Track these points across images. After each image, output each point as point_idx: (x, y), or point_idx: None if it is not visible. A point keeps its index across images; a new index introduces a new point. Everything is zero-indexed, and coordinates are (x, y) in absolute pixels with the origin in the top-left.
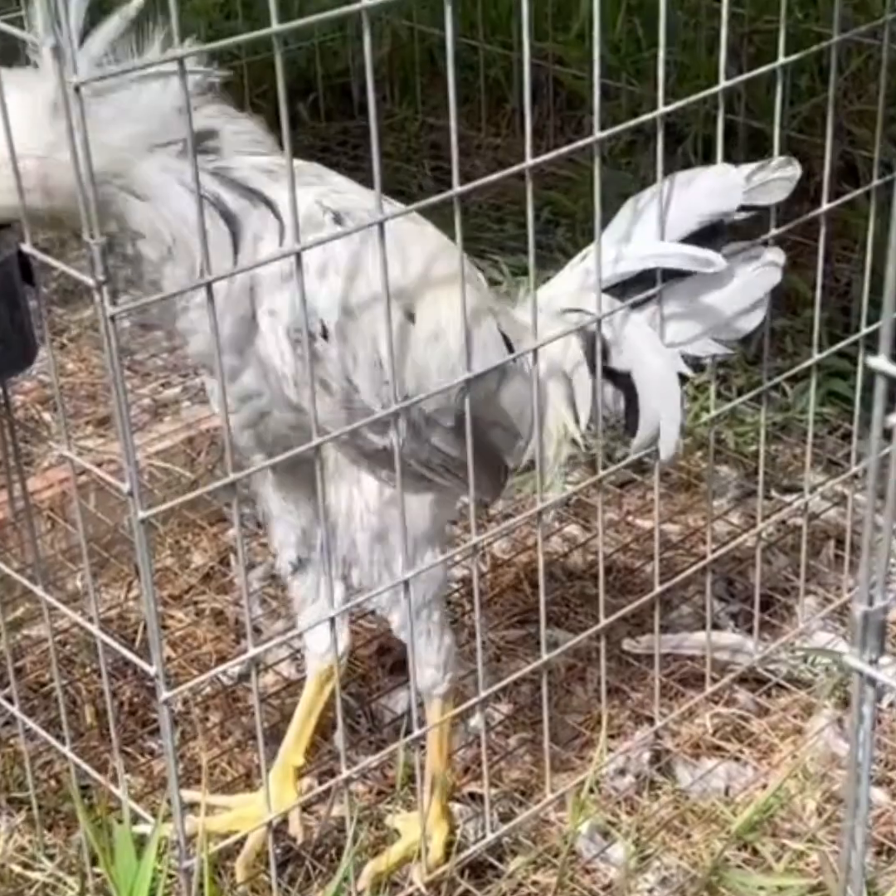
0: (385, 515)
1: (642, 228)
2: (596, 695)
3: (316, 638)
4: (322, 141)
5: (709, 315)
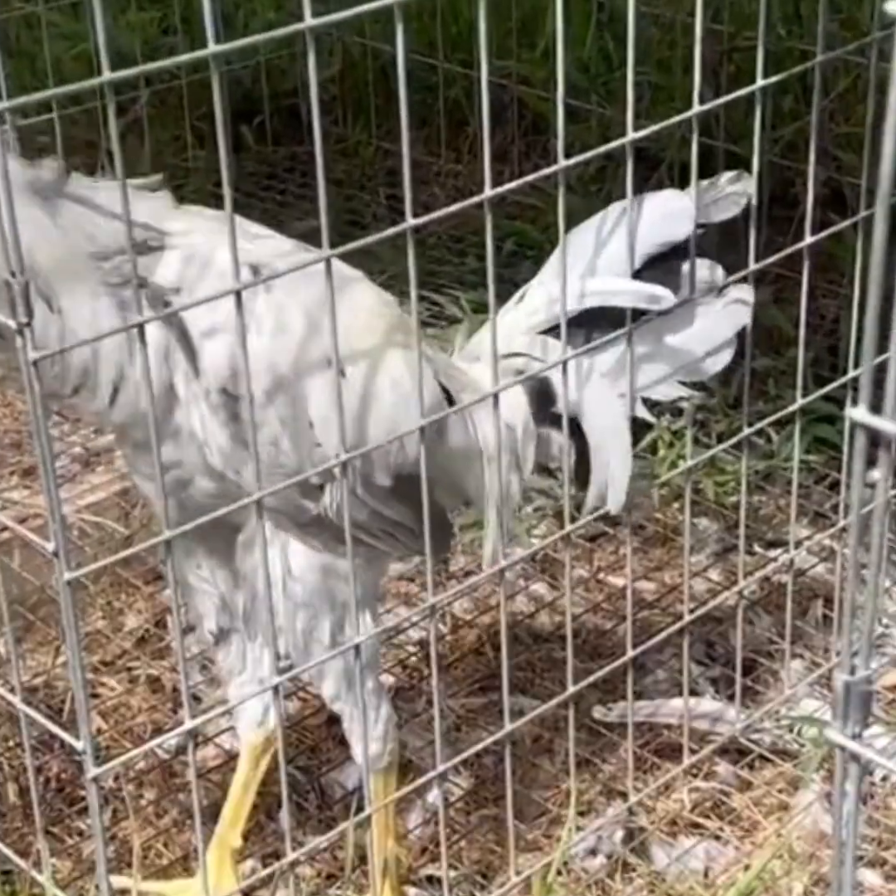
0: (310, 582)
1: (585, 262)
2: (564, 768)
3: (247, 710)
4: (268, 167)
5: (670, 357)
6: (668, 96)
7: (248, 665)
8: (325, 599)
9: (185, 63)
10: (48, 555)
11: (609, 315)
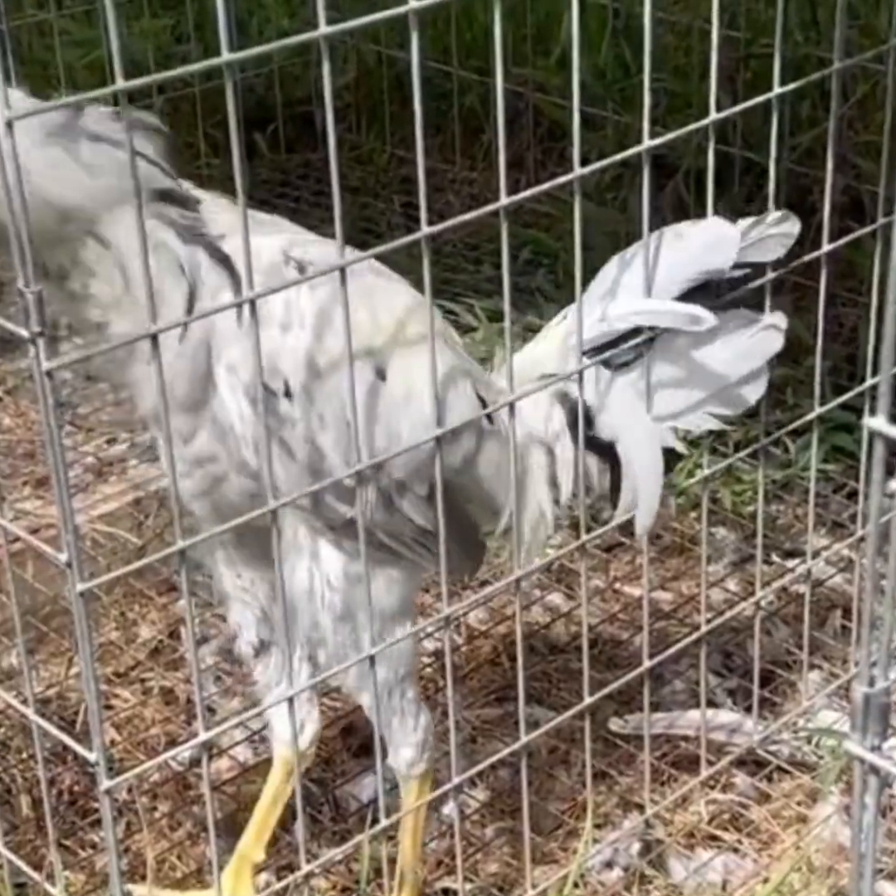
0: (349, 593)
1: (629, 285)
2: (580, 780)
3: (283, 723)
4: (282, 174)
5: (702, 384)
6: (684, 103)
7: (286, 678)
8: (365, 611)
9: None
10: (61, 565)
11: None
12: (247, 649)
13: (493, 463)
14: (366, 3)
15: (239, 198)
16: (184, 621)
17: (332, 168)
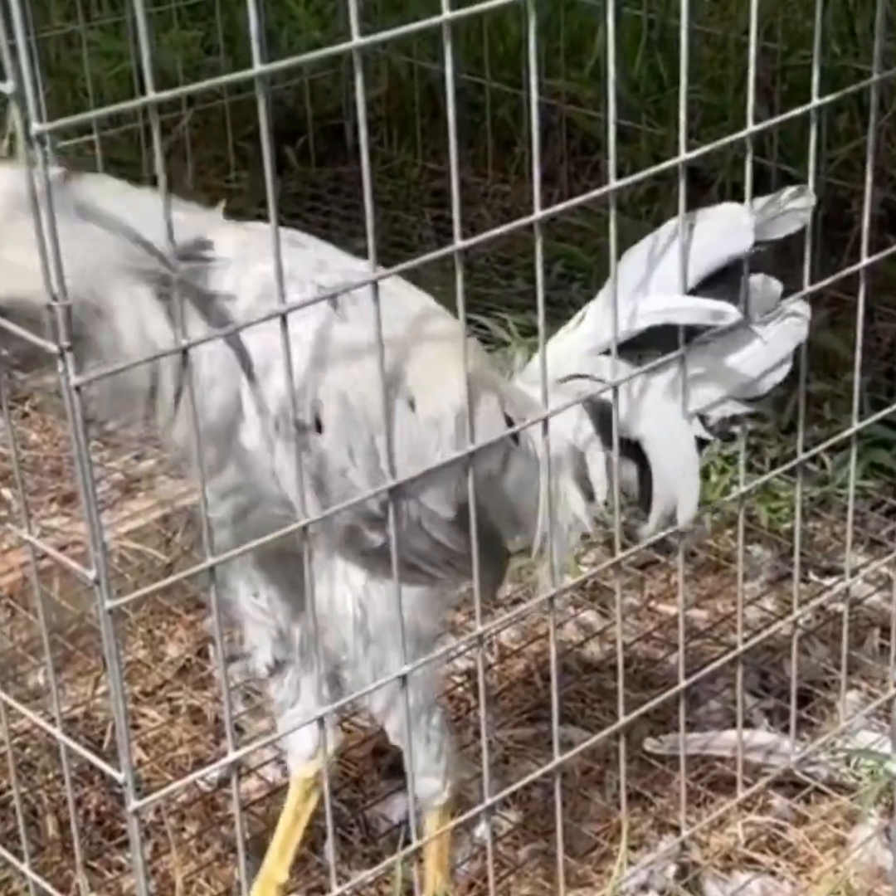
0: (379, 615)
1: (649, 282)
2: (615, 801)
3: (298, 740)
4: (312, 188)
5: (730, 377)
6: (719, 116)
7: (302, 698)
8: (394, 634)
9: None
10: (89, 583)
11: (672, 334)
12: (261, 668)
13: (519, 480)
14: (398, 14)
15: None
16: (212, 639)
17: (364, 181)
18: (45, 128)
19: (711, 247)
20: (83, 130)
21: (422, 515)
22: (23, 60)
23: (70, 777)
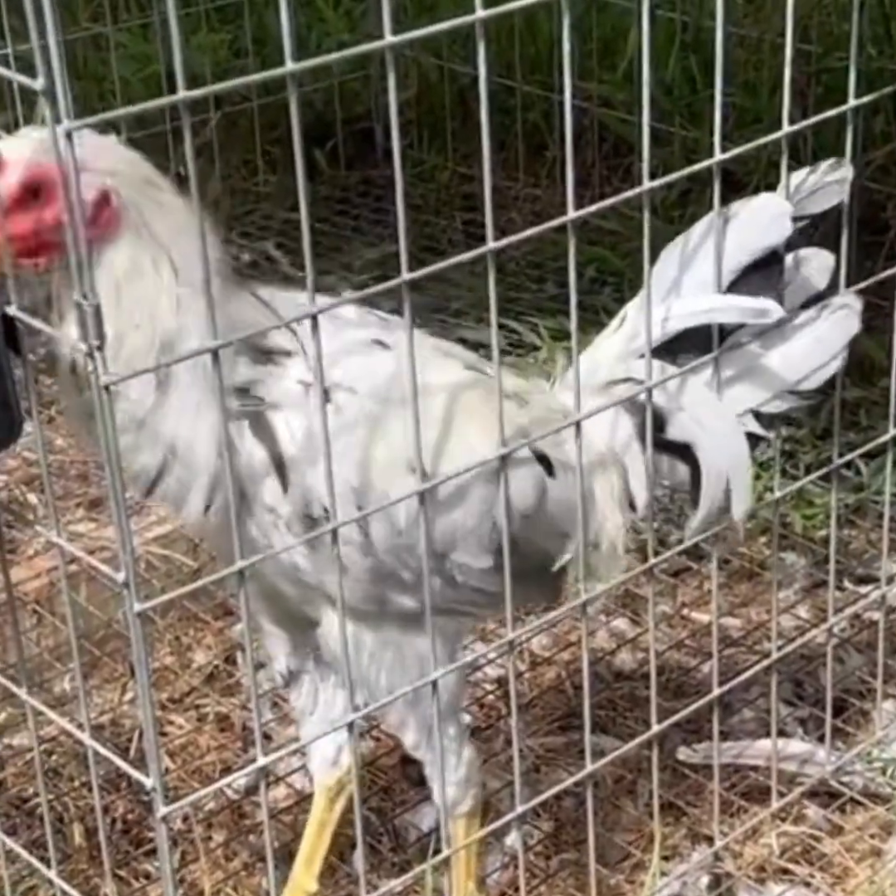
0: (397, 646)
1: (688, 281)
2: (647, 810)
3: (320, 750)
4: (342, 191)
5: (781, 373)
6: (754, 118)
7: (320, 706)
8: (409, 656)
9: (259, 83)
10: (118, 586)
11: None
12: (278, 678)
13: (562, 503)
14: (429, 15)
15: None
16: (240, 646)
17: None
18: (75, 125)
19: (750, 239)
20: (109, 132)
21: (455, 572)
22: (54, 56)
23: (97, 784)
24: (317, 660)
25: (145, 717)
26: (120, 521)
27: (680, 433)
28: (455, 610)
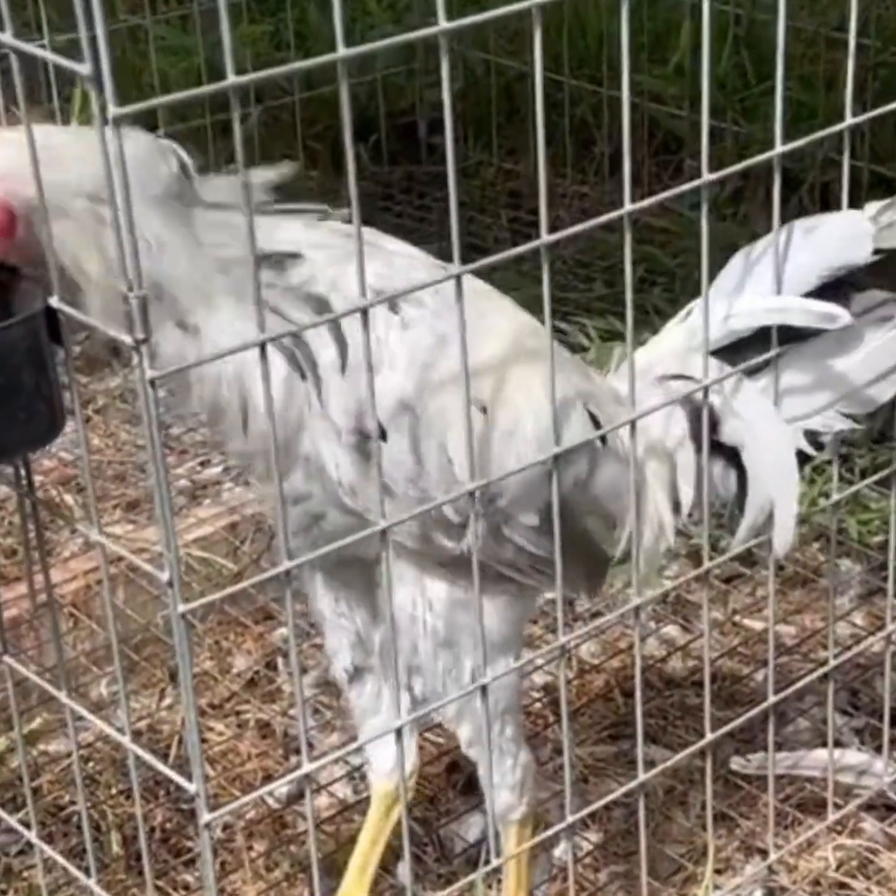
0: (453, 619)
1: (757, 282)
2: (700, 822)
3: (380, 754)
4: (385, 188)
5: (835, 385)
6: (810, 113)
7: (383, 708)
8: (469, 638)
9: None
10: (161, 587)
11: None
12: (341, 675)
13: (609, 482)
14: (476, 5)
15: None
16: (281, 651)
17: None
18: (123, 111)
19: (829, 254)
20: (149, 127)
21: (501, 522)
22: (101, 41)
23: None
24: (382, 656)
25: (188, 720)
26: (165, 519)
27: (730, 436)
28: (500, 574)
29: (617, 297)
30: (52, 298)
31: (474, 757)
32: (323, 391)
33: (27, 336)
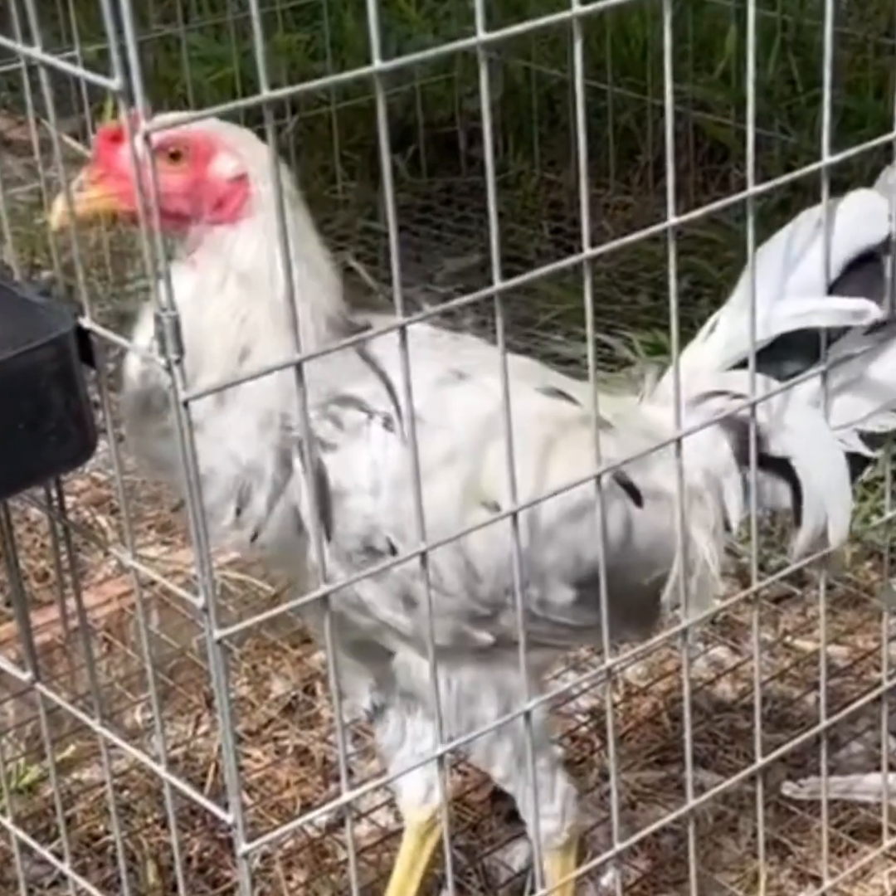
0: (477, 682)
1: (784, 283)
2: (751, 849)
3: (410, 785)
4: (424, 199)
5: (884, 384)
6: (858, 121)
7: (408, 739)
8: (492, 688)
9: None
10: (196, 612)
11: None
12: (362, 714)
13: (649, 534)
14: (517, 15)
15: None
16: (320, 675)
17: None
18: (154, 126)
19: (844, 239)
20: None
21: (533, 606)
22: (132, 54)
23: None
24: (402, 692)
25: (225, 749)
26: (199, 543)
27: (780, 448)
28: (538, 643)
29: (662, 309)
30: (83, 319)
31: (510, 791)
32: (329, 516)
33: (57, 357)
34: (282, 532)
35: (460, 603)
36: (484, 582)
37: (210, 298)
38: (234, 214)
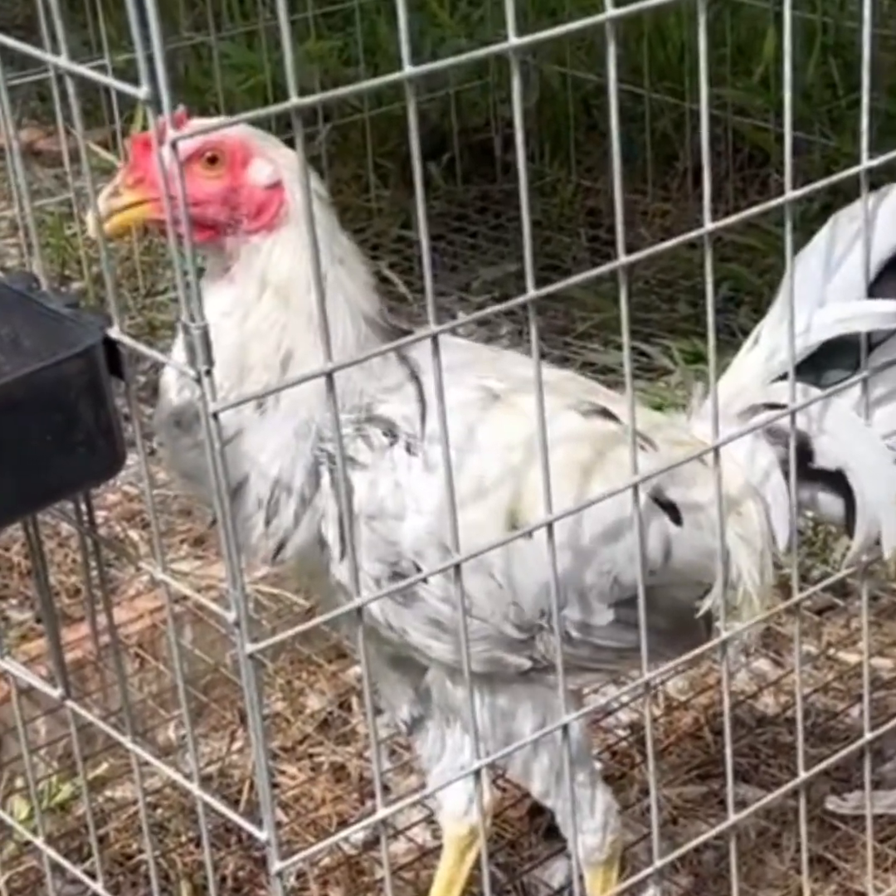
0: (514, 699)
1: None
2: (794, 865)
3: (451, 798)
4: (458, 207)
5: None
6: None
7: (448, 752)
8: (529, 703)
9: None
10: (227, 627)
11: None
12: (401, 726)
13: (690, 555)
14: (551, 19)
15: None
16: (356, 690)
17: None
18: (183, 134)
19: (885, 234)
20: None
21: (571, 630)
22: (159, 62)
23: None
24: (442, 706)
25: (259, 766)
26: (230, 557)
27: (830, 460)
28: (580, 667)
29: (701, 317)
30: (111, 330)
31: (550, 806)
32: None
33: (86, 369)
34: (306, 546)
35: (493, 627)
36: (518, 606)
37: (249, 311)
38: (271, 222)
